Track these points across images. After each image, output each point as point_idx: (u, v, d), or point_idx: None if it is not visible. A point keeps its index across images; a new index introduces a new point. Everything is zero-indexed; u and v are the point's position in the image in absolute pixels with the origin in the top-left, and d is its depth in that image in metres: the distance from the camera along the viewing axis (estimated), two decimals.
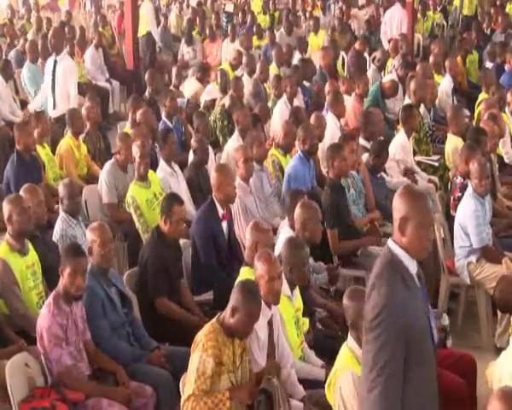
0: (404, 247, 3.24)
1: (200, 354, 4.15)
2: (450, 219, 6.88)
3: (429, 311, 3.35)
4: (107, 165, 7.34)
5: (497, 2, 17.34)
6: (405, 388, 3.18)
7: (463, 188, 6.78)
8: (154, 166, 7.40)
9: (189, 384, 4.17)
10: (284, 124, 7.88)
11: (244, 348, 4.36)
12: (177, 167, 7.48)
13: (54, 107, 9.52)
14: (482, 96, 9.65)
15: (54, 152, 8.08)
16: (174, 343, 5.22)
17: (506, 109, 8.98)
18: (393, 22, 14.08)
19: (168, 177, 7.27)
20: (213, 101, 10.12)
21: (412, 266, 3.26)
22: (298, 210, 5.57)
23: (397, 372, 3.15)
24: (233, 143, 8.20)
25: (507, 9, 16.71)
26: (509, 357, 4.09)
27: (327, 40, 14.00)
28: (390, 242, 3.31)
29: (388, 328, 3.15)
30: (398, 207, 3.29)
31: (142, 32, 13.28)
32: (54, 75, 9.58)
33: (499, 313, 6.02)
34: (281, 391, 4.23)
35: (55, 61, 9.60)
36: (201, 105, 10.18)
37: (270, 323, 4.63)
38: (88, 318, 4.85)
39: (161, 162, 7.39)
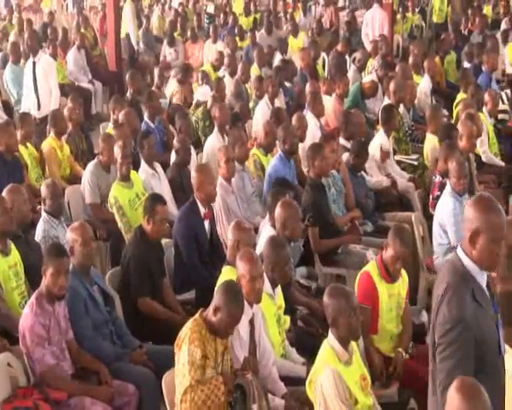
0: (474, 259, 3.15)
1: (187, 347, 4.15)
2: (428, 218, 6.92)
3: (498, 321, 3.27)
4: (90, 165, 7.31)
5: (475, 4, 17.46)
6: None
7: (442, 187, 6.83)
8: (137, 166, 7.37)
9: (182, 378, 4.15)
10: (265, 124, 7.89)
11: (226, 346, 4.36)
12: (159, 168, 7.46)
13: (38, 108, 9.47)
14: (460, 96, 9.70)
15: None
16: (157, 342, 5.21)
17: (483, 109, 9.03)
18: (375, 23, 14.13)
19: (150, 178, 7.26)
20: (205, 102, 10.06)
21: (482, 279, 3.18)
22: (278, 209, 5.58)
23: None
24: (213, 140, 8.23)
25: (484, 11, 16.83)
26: None
27: (307, 41, 14.02)
28: (459, 251, 3.20)
29: (462, 346, 3.08)
30: (471, 218, 3.17)
31: (122, 33, 13.25)
32: (34, 76, 9.53)
33: None
34: (256, 386, 4.23)
35: (34, 63, 9.56)
36: (193, 103, 10.15)
37: (251, 321, 4.63)
38: (71, 317, 4.83)
39: (142, 163, 7.38)
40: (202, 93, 10.44)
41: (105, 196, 7.00)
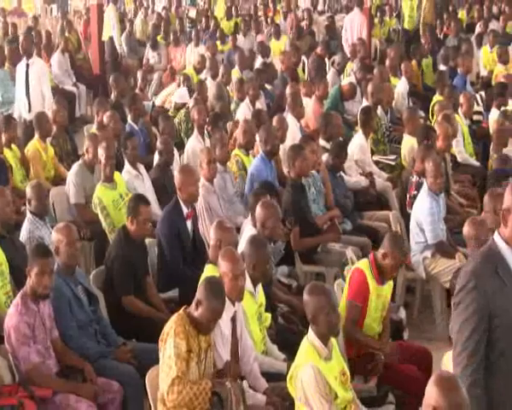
0: (505, 238, 3.17)
1: (173, 339, 4.14)
2: (406, 217, 6.96)
3: None
4: (75, 166, 7.29)
5: (450, 8, 17.56)
6: (495, 378, 3.16)
7: (419, 186, 6.86)
8: (120, 167, 7.35)
9: (169, 370, 4.13)
10: (242, 123, 7.91)
11: (209, 343, 4.36)
12: (142, 169, 7.44)
13: (29, 110, 9.43)
14: (436, 98, 9.76)
15: None
16: (141, 340, 5.19)
17: (459, 111, 9.09)
18: (354, 28, 14.19)
19: (133, 179, 7.24)
20: (184, 104, 10.07)
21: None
22: (258, 209, 5.58)
23: (478, 349, 3.13)
24: (193, 141, 8.24)
25: (459, 15, 16.93)
26: None
27: (288, 45, 14.05)
28: (496, 234, 3.23)
29: (470, 304, 3.11)
30: (505, 198, 3.18)
31: (105, 37, 13.22)
32: (27, 79, 9.49)
33: (452, 306, 6.09)
34: (234, 393, 4.21)
35: (27, 65, 9.52)
36: (172, 106, 10.15)
37: (233, 319, 4.63)
38: (55, 316, 4.80)
39: (126, 165, 7.36)
40: (180, 95, 10.45)
41: (89, 197, 6.97)
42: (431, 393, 3.17)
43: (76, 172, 7.19)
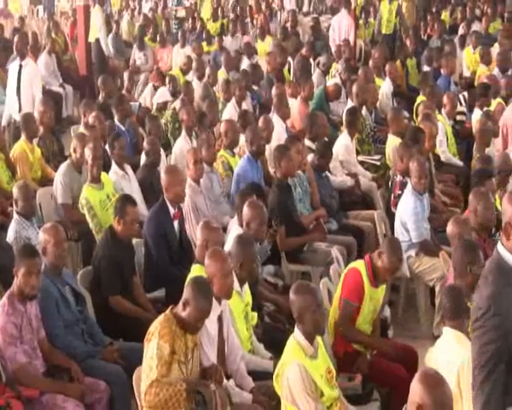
0: (510, 250, 3.14)
1: (156, 341, 4.13)
2: (390, 216, 6.98)
3: None
4: (63, 166, 7.25)
5: (433, 10, 17.61)
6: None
7: (403, 186, 6.89)
8: (107, 168, 7.33)
9: (149, 371, 4.13)
10: (224, 123, 7.90)
11: (196, 343, 4.35)
12: (129, 169, 7.42)
13: (20, 110, 9.38)
14: (420, 98, 9.79)
15: None
16: (128, 339, 5.18)
17: (442, 111, 9.12)
18: (341, 29, 14.23)
19: (120, 179, 7.22)
20: (165, 103, 10.11)
21: None
22: (245, 209, 5.59)
23: (498, 373, 3.10)
24: (181, 142, 8.23)
25: (442, 16, 16.98)
26: (442, 345, 4.16)
27: (273, 46, 14.05)
28: (499, 244, 3.20)
29: (491, 329, 3.08)
30: (505, 210, 3.17)
31: (91, 38, 13.19)
32: (19, 80, 9.47)
33: (437, 304, 6.13)
34: (219, 395, 4.20)
35: (21, 66, 9.50)
36: (154, 107, 10.15)
37: (220, 318, 4.63)
38: (42, 316, 4.78)
39: (113, 165, 7.34)
40: (160, 95, 10.47)
41: (77, 197, 6.94)
42: (416, 390, 3.18)
43: (64, 173, 7.15)
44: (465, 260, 4.78)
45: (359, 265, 5.17)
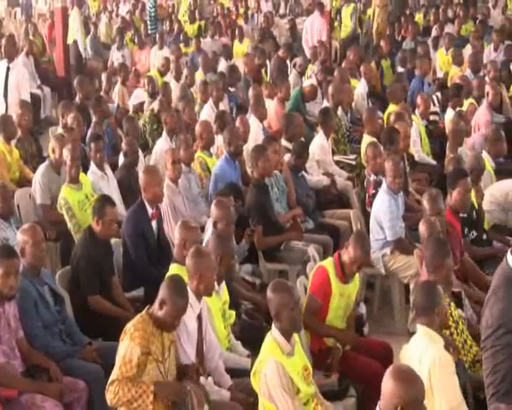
0: None
1: (128, 343, 4.11)
2: (366, 215, 7.01)
3: None
4: (42, 167, 7.21)
5: (407, 12, 17.71)
6: None
7: (377, 185, 6.92)
8: (85, 168, 7.29)
9: (114, 370, 4.13)
10: (199, 124, 7.89)
11: (172, 341, 4.34)
12: (108, 170, 7.38)
13: (6, 111, 9.35)
14: (391, 107, 9.78)
15: None
16: (107, 339, 5.15)
17: (416, 111, 9.18)
18: (314, 30, 14.25)
19: (98, 179, 7.18)
20: (141, 104, 10.09)
21: None
22: (213, 207, 5.64)
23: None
24: (161, 143, 8.19)
25: (416, 18, 17.08)
26: (415, 343, 4.19)
27: (250, 47, 14.07)
28: (509, 255, 3.13)
29: (504, 347, 3.03)
30: None
31: (69, 40, 13.11)
32: (6, 81, 9.45)
33: (411, 301, 6.15)
34: (196, 394, 4.18)
35: (8, 68, 9.49)
36: (130, 109, 10.13)
37: (199, 316, 4.62)
38: (21, 317, 4.73)
39: (92, 165, 7.30)
40: (135, 96, 10.45)
41: (56, 198, 6.90)
42: (387, 384, 3.20)
43: (42, 173, 7.11)
44: (440, 255, 4.83)
45: (327, 263, 5.19)
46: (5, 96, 9.44)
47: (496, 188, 6.95)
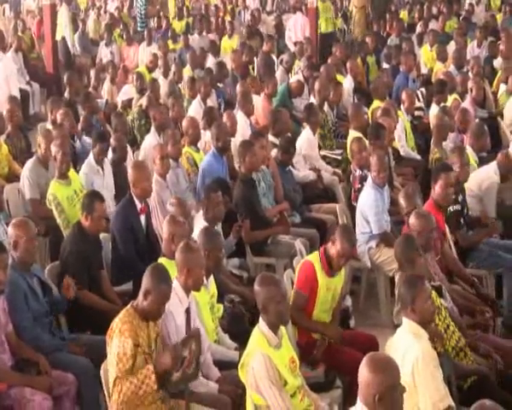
0: None
1: (118, 339, 4.10)
2: (352, 208, 7.02)
3: None
4: (29, 162, 7.18)
5: (392, 9, 17.73)
6: None
7: (363, 179, 6.94)
8: (74, 164, 7.26)
9: (112, 370, 4.12)
10: (185, 120, 7.88)
11: (158, 333, 4.34)
12: (107, 165, 7.30)
13: None
14: (376, 103, 9.79)
15: None
16: (95, 332, 5.12)
17: (401, 107, 9.19)
18: (297, 27, 14.23)
19: (93, 174, 7.14)
20: (130, 100, 10.05)
21: None
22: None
23: None
24: (150, 139, 8.16)
25: (401, 15, 17.10)
26: (399, 339, 4.20)
27: (239, 44, 14.05)
28: None
29: None
30: None
31: (58, 36, 13.05)
32: None
33: (396, 294, 6.17)
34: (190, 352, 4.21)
35: None
36: (119, 105, 10.09)
37: (187, 310, 4.61)
38: (10, 310, 4.71)
39: (91, 159, 7.24)
40: (124, 92, 10.42)
41: (44, 192, 6.87)
42: (362, 372, 3.22)
43: (30, 169, 7.08)
44: (410, 250, 4.90)
45: (312, 257, 5.19)
46: None
47: (471, 181, 6.97)
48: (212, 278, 5.03)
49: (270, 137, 8.02)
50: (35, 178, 7.01)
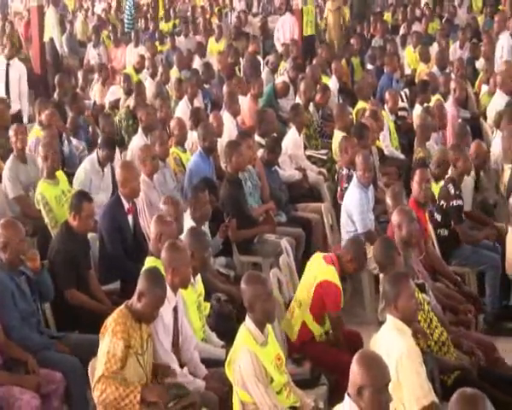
0: None
1: (110, 338, 4.09)
2: (337, 208, 7.03)
3: None
4: (8, 162, 7.14)
5: (377, 10, 17.78)
6: None
7: (349, 178, 6.95)
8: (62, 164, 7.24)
9: (99, 366, 4.10)
10: (172, 121, 7.88)
11: (149, 334, 4.33)
12: (109, 169, 7.23)
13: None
14: (360, 104, 9.80)
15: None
16: (83, 331, 5.11)
17: (385, 107, 9.22)
18: (286, 28, 14.23)
19: (91, 173, 7.10)
20: (117, 101, 10.02)
21: None
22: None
23: None
24: (137, 140, 8.13)
25: (385, 17, 17.16)
26: (383, 336, 4.21)
27: (225, 46, 14.04)
28: None
29: None
30: None
31: (45, 38, 13.00)
32: (7, 77, 9.86)
33: (381, 291, 6.19)
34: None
35: (8, 65, 9.91)
36: (106, 106, 10.06)
37: (175, 309, 4.61)
38: None
39: (94, 158, 7.19)
40: (111, 92, 10.38)
41: (27, 186, 6.87)
42: (352, 369, 3.23)
43: (9, 167, 7.04)
44: (388, 252, 4.96)
45: (333, 276, 5.14)
46: (7, 91, 9.76)
47: None
48: (199, 276, 5.03)
49: (257, 138, 8.02)
50: (15, 176, 6.98)
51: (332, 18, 14.95)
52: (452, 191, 6.37)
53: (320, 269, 5.20)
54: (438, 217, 6.44)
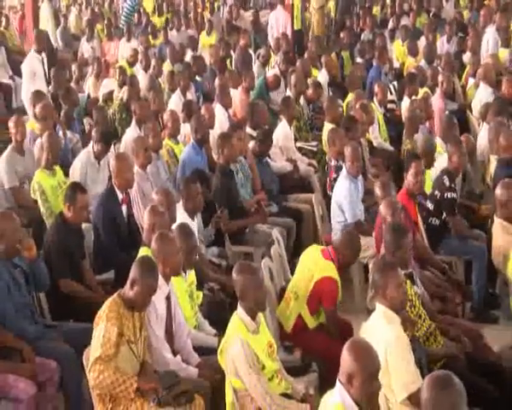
0: None
1: (104, 324, 4.08)
2: (327, 198, 7.02)
3: None
4: (5, 153, 7.10)
5: (367, 5, 17.75)
6: None
7: (338, 169, 6.94)
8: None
9: (95, 349, 4.07)
10: (166, 113, 7.85)
11: (142, 322, 4.31)
12: (105, 160, 7.19)
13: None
14: (351, 95, 9.78)
15: None
16: (78, 320, 5.10)
17: (374, 99, 9.20)
18: (279, 23, 14.18)
19: (88, 165, 7.06)
20: (110, 93, 9.98)
21: None
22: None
23: None
24: (131, 132, 8.09)
25: (374, 11, 17.12)
26: (373, 325, 4.20)
27: (216, 39, 13.98)
28: None
29: None
30: None
31: None
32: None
33: (370, 280, 6.19)
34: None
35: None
36: (100, 98, 10.01)
37: (168, 297, 4.59)
38: None
39: (90, 152, 7.15)
40: (105, 85, 10.34)
41: (23, 178, 6.84)
42: (343, 357, 3.23)
43: (6, 159, 7.01)
44: (398, 238, 4.87)
45: (331, 271, 5.12)
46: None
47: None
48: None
49: (248, 130, 8.01)
50: (11, 167, 6.94)
51: (316, 16, 14.89)
52: (447, 183, 6.35)
53: (319, 264, 5.17)
54: (430, 205, 6.42)
